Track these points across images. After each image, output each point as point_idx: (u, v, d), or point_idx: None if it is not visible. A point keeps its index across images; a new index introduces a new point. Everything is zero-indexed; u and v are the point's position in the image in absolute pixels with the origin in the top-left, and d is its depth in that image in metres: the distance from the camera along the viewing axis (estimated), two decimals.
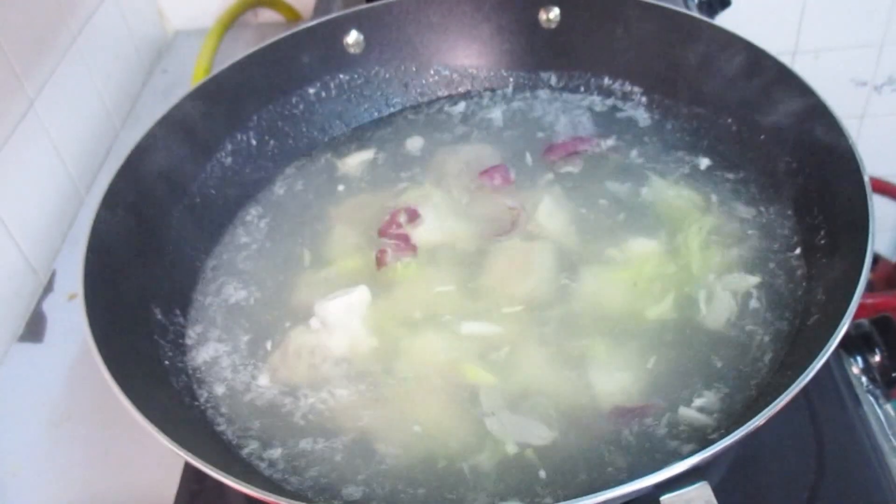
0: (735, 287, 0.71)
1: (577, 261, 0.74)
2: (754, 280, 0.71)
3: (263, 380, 0.69)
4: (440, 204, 0.81)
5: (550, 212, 0.79)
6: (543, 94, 0.94)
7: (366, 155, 0.90)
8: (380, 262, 0.75)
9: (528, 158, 0.86)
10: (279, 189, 0.87)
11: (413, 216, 0.78)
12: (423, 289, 0.74)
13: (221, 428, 0.66)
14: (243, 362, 0.71)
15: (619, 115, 0.89)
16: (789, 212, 0.74)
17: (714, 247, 0.74)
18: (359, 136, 0.93)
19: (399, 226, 0.78)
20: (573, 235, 0.77)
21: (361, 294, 0.72)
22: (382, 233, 0.78)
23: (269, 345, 0.72)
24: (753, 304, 0.69)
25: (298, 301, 0.75)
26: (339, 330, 0.70)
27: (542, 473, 0.60)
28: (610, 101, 0.91)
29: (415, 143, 0.90)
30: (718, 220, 0.77)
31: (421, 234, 0.78)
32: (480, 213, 0.80)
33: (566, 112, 0.91)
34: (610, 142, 0.86)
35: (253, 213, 0.85)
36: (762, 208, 0.77)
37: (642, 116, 0.89)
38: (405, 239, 0.77)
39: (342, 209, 0.84)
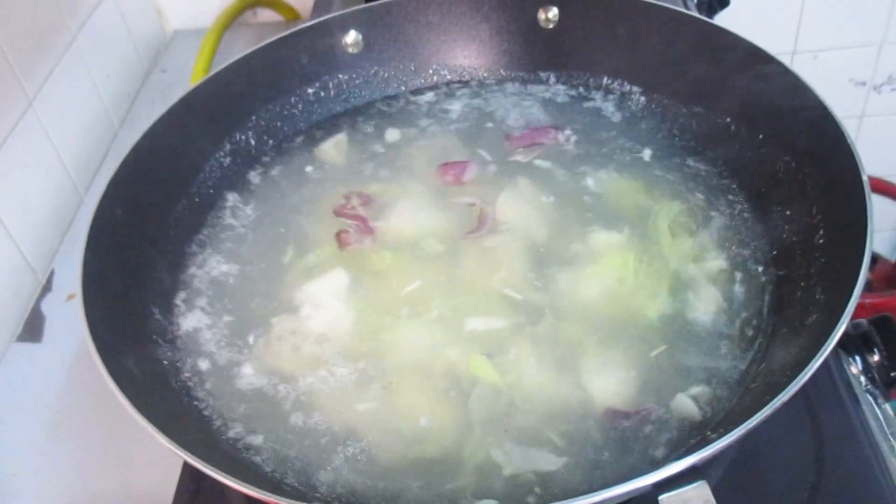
0: (730, 286, 0.71)
1: (559, 258, 0.75)
2: (751, 279, 0.71)
3: (264, 374, 0.69)
4: (411, 197, 0.82)
5: (519, 207, 0.79)
6: (537, 88, 0.94)
7: (342, 144, 0.90)
8: (343, 242, 0.76)
9: (502, 152, 0.87)
10: (255, 178, 0.87)
11: (367, 200, 0.80)
12: (398, 282, 0.74)
13: (220, 427, 0.66)
14: (233, 353, 0.71)
15: (618, 115, 0.89)
16: (788, 212, 0.74)
17: (710, 246, 0.74)
18: (333, 126, 0.93)
19: (353, 207, 0.79)
20: (545, 232, 0.77)
21: (338, 277, 0.73)
22: (338, 212, 0.80)
23: (253, 335, 0.72)
24: (752, 303, 0.69)
25: (280, 289, 0.75)
26: (321, 313, 0.71)
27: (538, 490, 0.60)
28: (608, 100, 0.91)
29: (392, 136, 0.91)
30: (716, 220, 0.77)
31: (393, 228, 0.79)
32: (449, 209, 0.81)
33: (562, 110, 0.91)
34: (611, 139, 0.87)
35: (233, 201, 0.85)
36: (761, 208, 0.77)
37: (641, 116, 0.89)
38: (363, 220, 0.78)
39: (319, 199, 0.84)
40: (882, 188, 1.69)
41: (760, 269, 0.72)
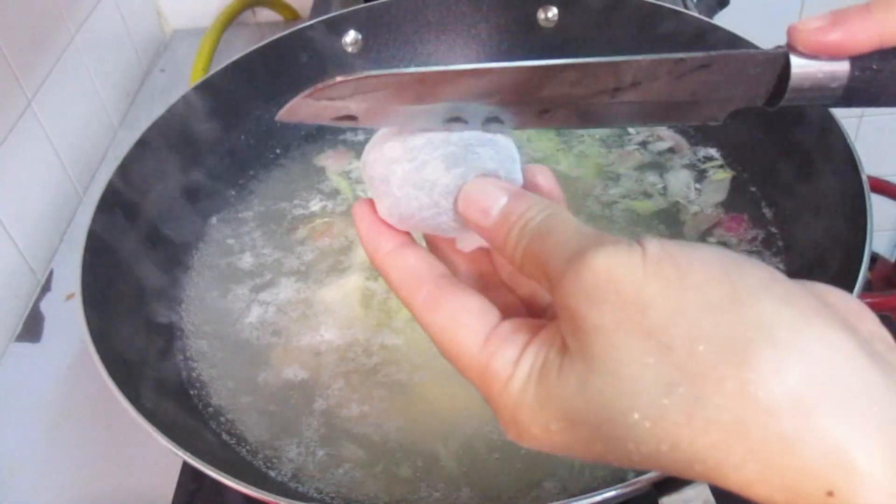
0: None
1: None
2: None
3: (263, 374, 0.69)
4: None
5: None
6: None
7: (343, 152, 0.90)
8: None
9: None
10: (254, 178, 0.87)
11: None
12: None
13: (220, 426, 0.66)
14: (240, 357, 0.71)
15: None
16: (787, 212, 0.74)
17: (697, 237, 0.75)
18: (332, 126, 0.93)
19: None
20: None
21: (356, 280, 0.73)
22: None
23: (269, 337, 0.72)
24: None
25: (293, 292, 0.75)
26: (337, 317, 0.71)
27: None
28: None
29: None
30: (714, 220, 0.77)
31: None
32: None
33: None
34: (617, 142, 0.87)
35: (232, 200, 0.85)
36: (760, 208, 0.77)
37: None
38: None
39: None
40: (882, 188, 1.69)
41: None
